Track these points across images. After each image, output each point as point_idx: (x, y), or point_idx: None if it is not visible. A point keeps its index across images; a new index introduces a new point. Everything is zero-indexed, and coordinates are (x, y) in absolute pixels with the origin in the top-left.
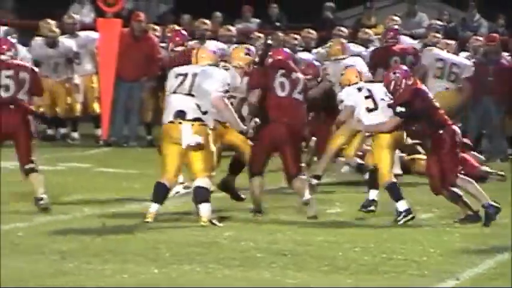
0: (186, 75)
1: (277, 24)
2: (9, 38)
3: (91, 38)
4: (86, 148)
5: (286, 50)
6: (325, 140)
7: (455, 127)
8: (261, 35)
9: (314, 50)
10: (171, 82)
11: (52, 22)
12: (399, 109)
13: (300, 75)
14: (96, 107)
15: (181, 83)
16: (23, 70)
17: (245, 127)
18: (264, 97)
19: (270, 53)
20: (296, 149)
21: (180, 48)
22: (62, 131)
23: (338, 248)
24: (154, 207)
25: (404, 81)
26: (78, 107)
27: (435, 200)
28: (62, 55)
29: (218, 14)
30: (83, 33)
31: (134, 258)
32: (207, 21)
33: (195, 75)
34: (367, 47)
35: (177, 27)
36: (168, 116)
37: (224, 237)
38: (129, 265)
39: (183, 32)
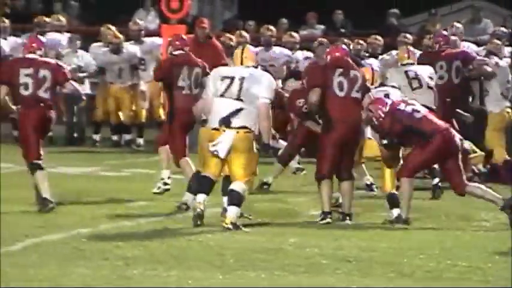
0: (232, 78)
1: (342, 30)
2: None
3: (156, 44)
4: (151, 154)
5: (344, 46)
6: None
7: (447, 133)
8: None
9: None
10: (216, 85)
11: (113, 28)
12: (384, 142)
13: (358, 73)
14: (161, 113)
15: (228, 86)
16: (44, 67)
17: (271, 142)
18: (322, 96)
19: (327, 51)
20: (354, 149)
21: (178, 52)
22: (127, 137)
23: (403, 255)
24: (201, 197)
25: (380, 111)
26: (144, 113)
27: None
28: (126, 61)
29: (284, 20)
30: (148, 40)
31: (199, 264)
32: (272, 27)
33: (242, 79)
34: None
35: (243, 33)
36: (213, 122)
37: (289, 244)
38: (194, 271)
39: (184, 37)
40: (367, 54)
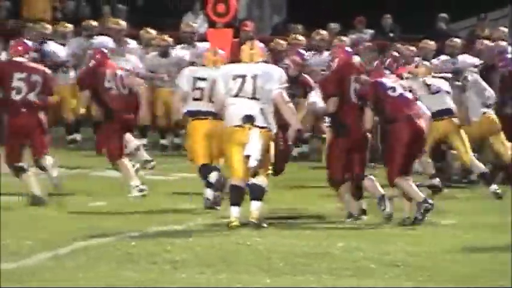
0: (244, 77)
1: (391, 35)
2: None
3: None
4: None
5: (348, 48)
6: None
7: (409, 122)
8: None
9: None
10: (229, 84)
11: (153, 31)
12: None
13: (365, 76)
14: None
15: (242, 85)
16: (35, 73)
17: (301, 126)
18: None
19: (334, 52)
20: (365, 153)
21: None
22: (176, 140)
23: (450, 260)
24: (235, 211)
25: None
26: None
27: None
28: (174, 65)
29: (334, 25)
30: (200, 44)
31: (247, 268)
32: (322, 31)
33: (255, 77)
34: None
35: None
36: (233, 119)
37: (336, 248)
38: (242, 275)
39: (105, 50)
40: (417, 59)
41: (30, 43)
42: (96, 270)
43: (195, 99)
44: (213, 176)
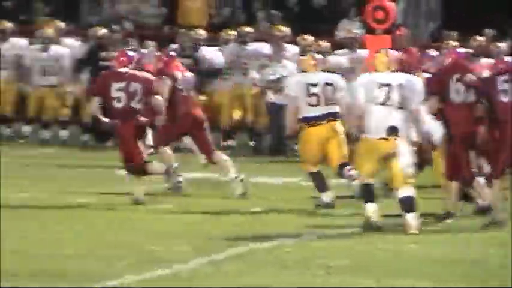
0: (390, 85)
1: None
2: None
3: (361, 56)
4: None
5: (460, 49)
6: None
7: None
8: None
9: None
10: (374, 92)
11: (309, 38)
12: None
13: (473, 76)
14: None
15: (389, 94)
16: (135, 81)
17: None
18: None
19: (447, 53)
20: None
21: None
22: None
23: None
24: (371, 207)
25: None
26: None
27: None
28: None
29: (490, 30)
30: (362, 51)
31: (402, 274)
32: (479, 37)
33: (400, 86)
34: None
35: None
36: (375, 130)
37: (490, 255)
38: (397, 280)
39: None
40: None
41: (132, 53)
42: (251, 275)
43: (311, 106)
44: (327, 196)
